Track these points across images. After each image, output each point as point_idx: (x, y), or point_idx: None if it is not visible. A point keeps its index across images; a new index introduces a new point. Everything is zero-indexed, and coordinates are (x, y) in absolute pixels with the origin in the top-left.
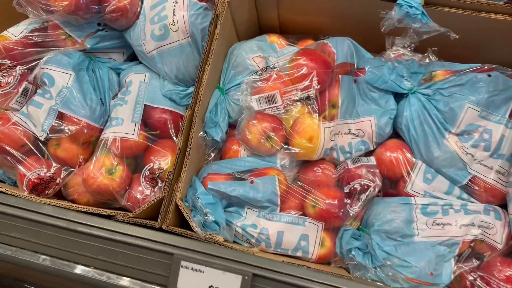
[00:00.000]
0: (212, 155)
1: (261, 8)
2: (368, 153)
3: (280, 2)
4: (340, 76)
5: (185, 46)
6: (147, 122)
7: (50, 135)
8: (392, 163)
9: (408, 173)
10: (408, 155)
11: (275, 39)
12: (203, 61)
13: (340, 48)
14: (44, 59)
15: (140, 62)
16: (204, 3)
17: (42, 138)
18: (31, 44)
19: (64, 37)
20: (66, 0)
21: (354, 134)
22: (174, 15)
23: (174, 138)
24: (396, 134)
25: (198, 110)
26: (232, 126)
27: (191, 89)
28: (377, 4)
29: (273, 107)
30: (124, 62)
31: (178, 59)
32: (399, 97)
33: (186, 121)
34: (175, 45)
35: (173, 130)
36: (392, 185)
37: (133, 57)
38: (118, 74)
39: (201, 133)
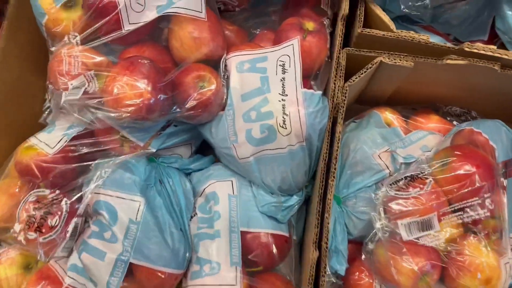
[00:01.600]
0: None
1: (377, 83)
2: None
3: (409, 76)
4: (503, 179)
5: (297, 151)
6: (244, 256)
7: None
8: None
9: None
10: None
11: (389, 117)
12: (323, 173)
13: (498, 139)
14: (96, 179)
15: (218, 159)
16: (319, 92)
17: None
18: (76, 158)
19: (120, 142)
20: (133, 105)
21: None
22: (285, 114)
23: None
24: None
25: (326, 247)
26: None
27: (295, 199)
28: None
29: (429, 235)
30: (194, 159)
31: (285, 168)
32: None
33: (313, 265)
34: (284, 152)
35: (277, 257)
36: None
37: (200, 147)
38: (187, 174)
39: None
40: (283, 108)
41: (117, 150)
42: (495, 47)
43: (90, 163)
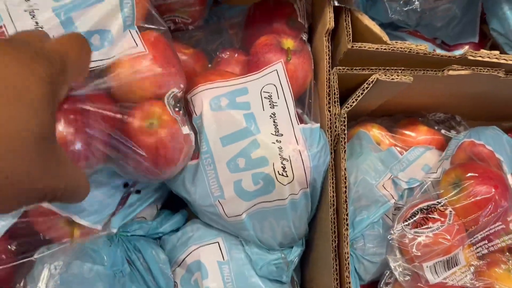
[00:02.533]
0: None
1: (366, 100)
2: None
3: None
4: None
5: (300, 200)
6: None
7: None
8: None
9: None
10: None
11: (377, 135)
12: (333, 222)
13: (502, 150)
14: (44, 279)
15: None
16: (317, 125)
17: None
18: (11, 255)
19: (69, 230)
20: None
21: None
22: (283, 158)
23: None
24: None
25: None
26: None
27: (296, 250)
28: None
29: (455, 273)
30: (162, 218)
31: (287, 221)
32: None
33: None
34: (285, 204)
35: None
36: None
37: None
38: (156, 238)
39: None
40: (280, 151)
41: (62, 237)
42: (498, 52)
43: (31, 258)
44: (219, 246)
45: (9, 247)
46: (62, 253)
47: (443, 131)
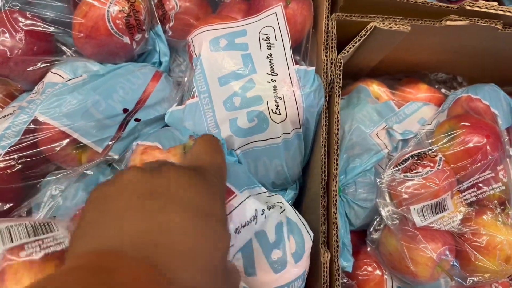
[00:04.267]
0: None
1: (364, 52)
2: None
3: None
4: (509, 147)
5: (292, 140)
6: None
7: None
8: None
9: None
10: None
11: (376, 90)
12: (324, 162)
13: (499, 105)
14: (47, 201)
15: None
16: (312, 68)
17: None
18: (16, 176)
19: (77, 154)
20: None
21: None
22: (277, 97)
23: None
24: None
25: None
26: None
27: (289, 193)
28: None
29: (443, 217)
30: None
31: (280, 161)
32: None
33: (326, 269)
34: (278, 142)
35: None
36: None
37: None
38: None
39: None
40: (274, 90)
41: (70, 162)
42: (496, 3)
43: (37, 181)
44: None
45: (18, 169)
46: (66, 179)
47: (443, 90)
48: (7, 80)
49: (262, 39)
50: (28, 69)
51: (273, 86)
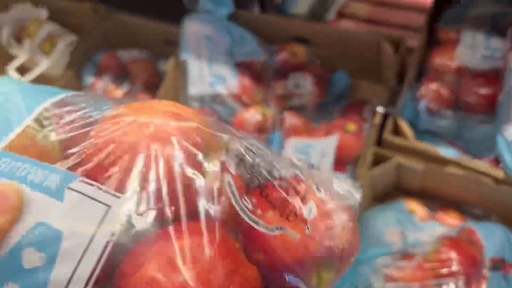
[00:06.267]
0: None
1: (403, 175)
2: None
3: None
4: (487, 272)
5: None
6: None
7: None
8: None
9: None
10: None
11: (414, 207)
12: None
13: (490, 240)
14: None
15: None
16: (343, 174)
17: None
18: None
19: None
20: None
21: None
22: None
23: None
24: None
25: None
26: None
27: None
28: None
29: None
30: None
31: None
32: None
33: None
34: None
35: None
36: None
37: None
38: None
39: None
40: None
41: None
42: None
43: None
44: None
45: None
46: None
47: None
48: None
49: (319, 151)
50: None
51: None
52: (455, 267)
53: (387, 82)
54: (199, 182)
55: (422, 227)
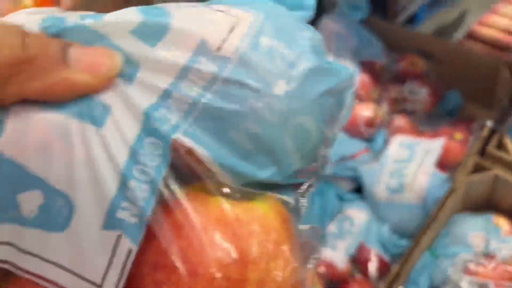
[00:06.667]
0: None
1: (498, 188)
2: None
3: None
4: None
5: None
6: None
7: None
8: None
9: None
10: None
11: (502, 222)
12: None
13: None
14: None
15: None
16: (444, 174)
17: None
18: None
19: None
20: None
21: None
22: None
23: None
24: None
25: None
26: None
27: None
28: None
29: None
30: None
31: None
32: None
33: None
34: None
35: None
36: None
37: None
38: None
39: None
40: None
41: None
42: None
43: None
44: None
45: None
46: None
47: None
48: None
49: (424, 150)
50: None
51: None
52: None
53: (499, 101)
54: None
55: (506, 240)
